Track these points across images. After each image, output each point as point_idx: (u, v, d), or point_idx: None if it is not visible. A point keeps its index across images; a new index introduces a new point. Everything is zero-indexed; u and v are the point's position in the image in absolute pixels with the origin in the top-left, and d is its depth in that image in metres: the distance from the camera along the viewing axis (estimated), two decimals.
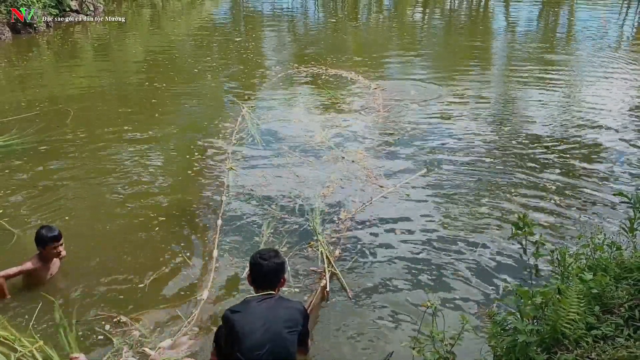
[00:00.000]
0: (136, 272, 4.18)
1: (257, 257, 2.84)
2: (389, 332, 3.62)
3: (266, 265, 2.80)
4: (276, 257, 2.86)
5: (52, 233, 3.98)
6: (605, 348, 2.18)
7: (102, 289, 4.01)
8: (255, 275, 2.85)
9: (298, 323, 2.74)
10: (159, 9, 17.29)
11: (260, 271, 2.81)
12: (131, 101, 8.33)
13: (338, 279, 4.11)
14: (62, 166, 5.96)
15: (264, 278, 2.82)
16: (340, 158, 6.24)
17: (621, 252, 2.87)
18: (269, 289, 2.82)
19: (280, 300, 2.83)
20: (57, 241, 3.99)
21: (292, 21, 16.31)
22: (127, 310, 3.77)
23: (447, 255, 4.48)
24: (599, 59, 11.33)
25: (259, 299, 2.78)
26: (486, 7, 19.19)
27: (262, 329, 2.64)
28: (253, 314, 2.69)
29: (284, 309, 2.75)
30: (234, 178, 5.77)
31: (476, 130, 7.21)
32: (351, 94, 8.67)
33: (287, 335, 2.68)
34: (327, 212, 5.08)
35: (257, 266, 2.82)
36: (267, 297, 2.79)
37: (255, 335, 2.63)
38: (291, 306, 2.80)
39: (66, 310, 3.66)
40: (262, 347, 2.61)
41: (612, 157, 6.40)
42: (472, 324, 2.44)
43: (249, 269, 2.89)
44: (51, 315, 3.55)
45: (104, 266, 4.26)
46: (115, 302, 3.87)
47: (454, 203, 5.33)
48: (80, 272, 4.20)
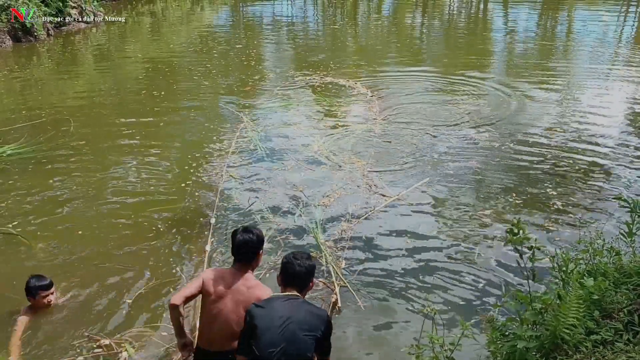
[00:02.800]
0: (124, 289, 4.16)
1: (291, 257, 2.89)
2: (389, 338, 3.63)
3: (297, 266, 2.84)
4: (308, 259, 2.91)
5: (41, 282, 3.84)
6: (605, 353, 2.18)
7: (95, 308, 3.94)
8: (285, 275, 2.89)
9: (317, 329, 2.72)
10: (159, 17, 17.36)
11: (292, 271, 2.85)
12: (131, 109, 8.35)
13: (349, 291, 4.10)
14: (62, 178, 5.95)
15: (293, 278, 2.85)
16: (337, 167, 6.24)
17: (620, 257, 2.88)
18: (295, 290, 2.85)
19: (304, 303, 2.83)
20: (46, 290, 3.86)
21: (292, 28, 16.38)
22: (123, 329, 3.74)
23: (447, 261, 4.49)
24: (597, 64, 11.37)
25: (283, 298, 2.81)
26: (485, 12, 19.27)
27: (280, 328, 2.66)
28: (275, 311, 2.71)
29: (306, 312, 2.75)
30: (233, 187, 5.78)
31: (475, 136, 7.22)
32: (349, 102, 8.70)
33: (303, 338, 2.67)
34: (328, 222, 5.08)
35: (288, 265, 2.87)
36: (293, 298, 2.81)
37: (272, 333, 2.65)
38: (314, 311, 2.80)
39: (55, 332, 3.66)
40: (277, 346, 2.63)
41: (611, 162, 6.40)
42: (472, 329, 2.44)
43: (280, 268, 2.93)
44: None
45: (97, 283, 4.22)
46: (106, 322, 3.83)
47: (453, 209, 5.34)
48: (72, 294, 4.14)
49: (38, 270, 4.11)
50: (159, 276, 4.30)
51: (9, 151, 6.33)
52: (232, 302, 2.97)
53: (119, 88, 9.58)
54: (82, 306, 3.98)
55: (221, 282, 3.00)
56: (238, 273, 3.02)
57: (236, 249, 3.02)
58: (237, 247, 3.01)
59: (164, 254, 4.60)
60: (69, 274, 4.30)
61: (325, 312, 2.91)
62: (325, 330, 2.76)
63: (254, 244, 3.01)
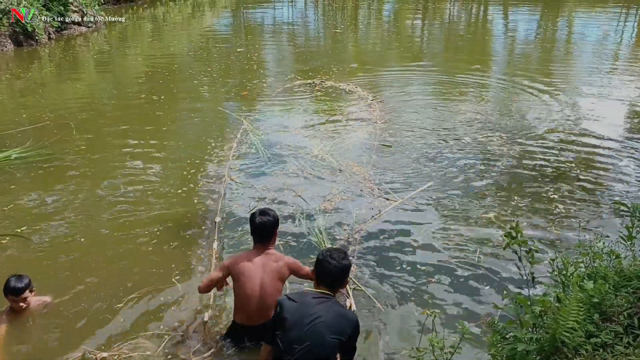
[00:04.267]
0: (122, 294, 4.12)
1: (327, 255, 2.88)
2: (388, 341, 3.63)
3: (334, 266, 2.84)
4: (345, 259, 2.90)
5: (12, 284, 3.61)
6: (605, 356, 2.18)
7: (93, 318, 3.87)
8: (319, 272, 2.89)
9: (344, 332, 2.71)
10: (160, 21, 17.40)
11: (327, 269, 2.85)
12: (132, 114, 8.37)
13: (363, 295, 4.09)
14: (67, 182, 5.96)
15: (326, 276, 2.85)
16: (338, 171, 6.25)
17: (620, 260, 2.88)
18: (329, 289, 2.85)
19: (335, 304, 2.81)
20: (16, 295, 3.61)
21: (293, 32, 16.42)
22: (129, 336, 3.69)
23: (447, 264, 4.49)
24: (598, 67, 11.39)
25: (316, 295, 2.80)
26: (485, 17, 19.33)
27: (307, 326, 2.65)
28: (305, 308, 2.71)
29: (335, 314, 2.73)
30: (234, 191, 5.79)
31: (476, 139, 7.23)
32: (350, 106, 8.71)
33: (328, 339, 2.66)
34: (330, 226, 5.08)
35: (324, 263, 2.86)
36: (325, 297, 2.80)
37: (299, 330, 2.65)
38: (344, 314, 2.79)
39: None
40: (302, 343, 2.63)
41: (611, 165, 6.42)
42: (472, 332, 2.44)
43: (315, 264, 2.93)
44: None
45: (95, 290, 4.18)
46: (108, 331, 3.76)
47: (454, 212, 5.35)
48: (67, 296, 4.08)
49: (41, 271, 4.11)
50: (161, 280, 4.29)
51: (15, 155, 6.35)
52: (266, 276, 3.23)
53: (120, 92, 9.60)
54: (76, 313, 3.92)
55: (249, 263, 3.29)
56: (261, 251, 3.35)
57: (257, 231, 3.34)
58: (258, 229, 3.33)
59: (166, 257, 4.59)
60: (70, 278, 4.30)
61: (354, 316, 2.88)
62: (352, 334, 2.74)
63: (272, 224, 3.35)
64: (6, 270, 3.98)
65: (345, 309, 2.88)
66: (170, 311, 3.93)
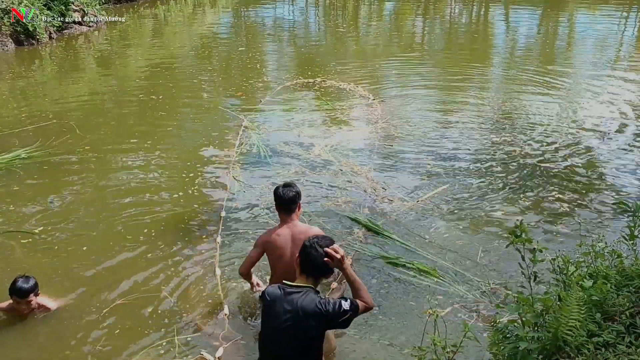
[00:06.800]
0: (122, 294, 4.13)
1: (314, 243, 2.75)
2: (391, 340, 3.63)
3: (320, 254, 2.71)
4: (327, 246, 2.74)
5: (16, 286, 3.54)
6: (607, 355, 2.18)
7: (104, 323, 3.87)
8: (304, 261, 2.76)
9: (320, 321, 2.64)
10: (161, 20, 17.38)
11: (309, 259, 2.74)
12: (134, 113, 8.38)
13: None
14: (73, 181, 5.99)
15: (309, 265, 2.74)
16: (340, 171, 6.24)
17: (622, 259, 2.88)
18: (312, 280, 2.74)
19: (314, 294, 2.71)
20: (19, 297, 3.55)
21: (293, 32, 16.41)
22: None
23: (449, 263, 4.50)
24: (598, 68, 11.38)
25: (295, 289, 2.71)
26: (486, 16, 19.30)
27: (286, 314, 2.65)
28: (283, 302, 2.67)
29: (311, 302, 2.65)
30: (236, 191, 5.79)
31: (477, 141, 7.23)
32: (351, 105, 8.70)
33: (309, 323, 2.64)
34: (333, 226, 5.08)
35: (310, 250, 2.73)
36: (304, 289, 2.71)
37: (279, 320, 2.67)
38: (317, 304, 2.65)
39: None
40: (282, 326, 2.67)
41: (614, 165, 6.42)
42: (474, 331, 2.44)
43: (300, 252, 2.79)
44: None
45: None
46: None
47: (455, 211, 5.35)
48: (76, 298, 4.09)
49: (43, 272, 4.11)
50: (162, 282, 4.30)
51: (24, 154, 6.37)
52: (295, 249, 3.19)
53: (121, 91, 9.59)
54: (76, 314, 3.94)
55: (281, 239, 3.44)
56: (288, 225, 3.49)
57: (283, 204, 3.50)
58: (284, 202, 3.49)
59: (169, 257, 4.61)
60: (73, 280, 4.31)
61: (326, 307, 2.66)
62: (329, 318, 2.64)
63: (295, 195, 3.52)
64: (10, 270, 4.00)
65: (323, 298, 2.69)
66: (184, 309, 3.98)
